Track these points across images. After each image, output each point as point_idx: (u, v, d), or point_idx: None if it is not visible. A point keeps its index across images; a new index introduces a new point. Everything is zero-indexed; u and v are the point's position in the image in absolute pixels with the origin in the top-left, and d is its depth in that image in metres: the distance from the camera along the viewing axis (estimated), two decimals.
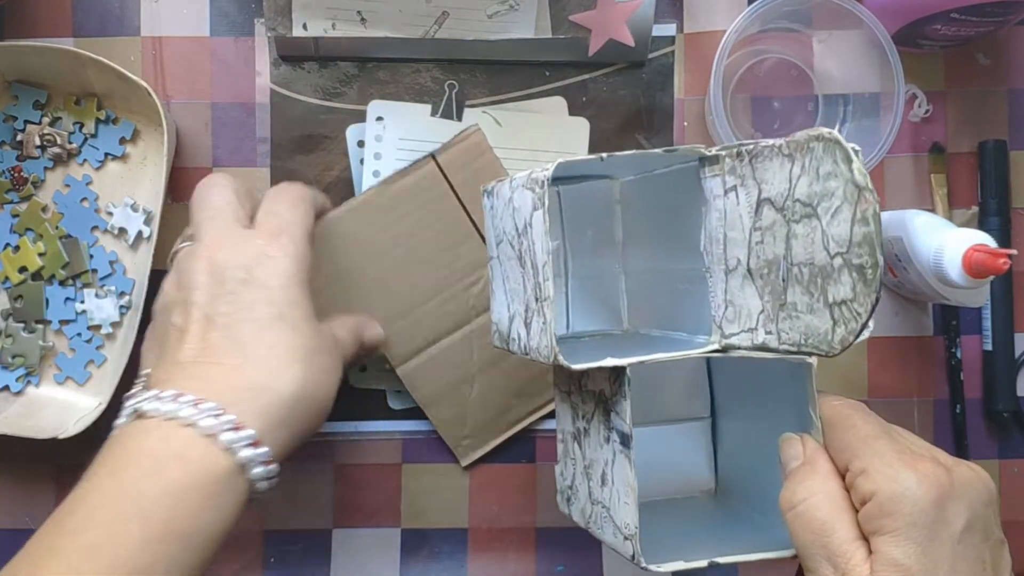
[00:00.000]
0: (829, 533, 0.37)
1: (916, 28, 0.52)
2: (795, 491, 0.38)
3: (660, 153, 0.42)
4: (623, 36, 0.55)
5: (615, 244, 0.52)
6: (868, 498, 0.36)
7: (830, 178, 0.35)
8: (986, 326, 0.57)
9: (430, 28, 0.55)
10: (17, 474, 0.56)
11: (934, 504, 0.35)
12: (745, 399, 0.49)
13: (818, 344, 0.36)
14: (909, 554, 0.35)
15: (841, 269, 0.35)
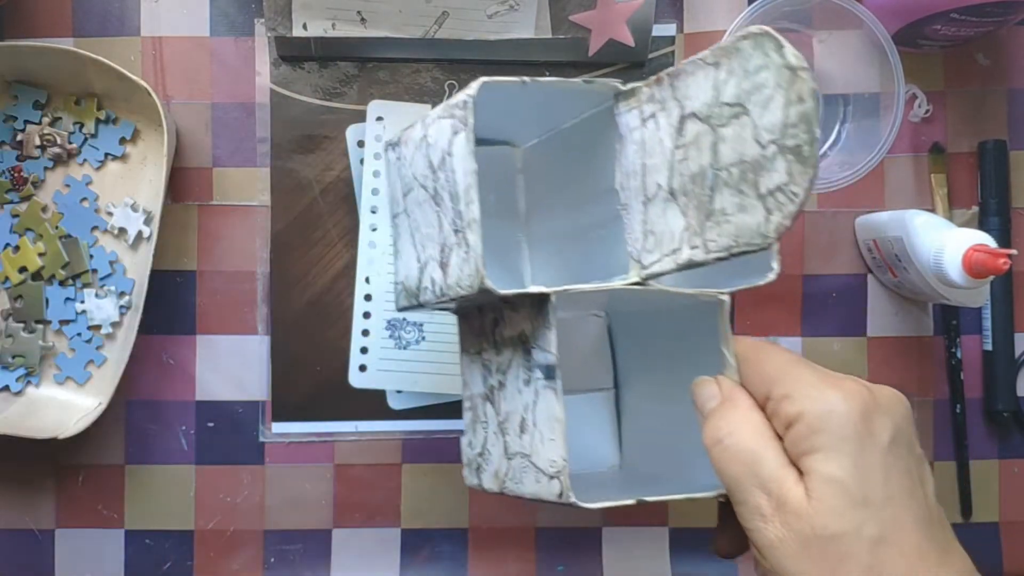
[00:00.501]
0: (759, 461, 0.36)
1: (916, 28, 0.52)
2: (718, 426, 0.38)
3: (580, 83, 0.42)
4: (623, 36, 0.55)
5: (518, 213, 0.51)
6: (794, 420, 0.36)
7: (760, 71, 0.35)
8: (986, 326, 0.57)
9: (430, 28, 0.55)
10: (17, 474, 0.56)
11: (861, 418, 0.35)
12: (650, 367, 0.48)
13: (751, 240, 0.36)
14: (843, 467, 0.35)
15: (775, 156, 0.34)
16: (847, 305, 0.57)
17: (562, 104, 0.45)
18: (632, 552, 0.57)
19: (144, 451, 0.56)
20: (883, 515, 0.35)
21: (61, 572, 0.56)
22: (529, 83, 0.41)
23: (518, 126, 0.49)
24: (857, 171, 0.50)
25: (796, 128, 0.33)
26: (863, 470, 0.35)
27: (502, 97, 0.42)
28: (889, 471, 0.35)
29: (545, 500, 0.40)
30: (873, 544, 0.34)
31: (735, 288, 0.42)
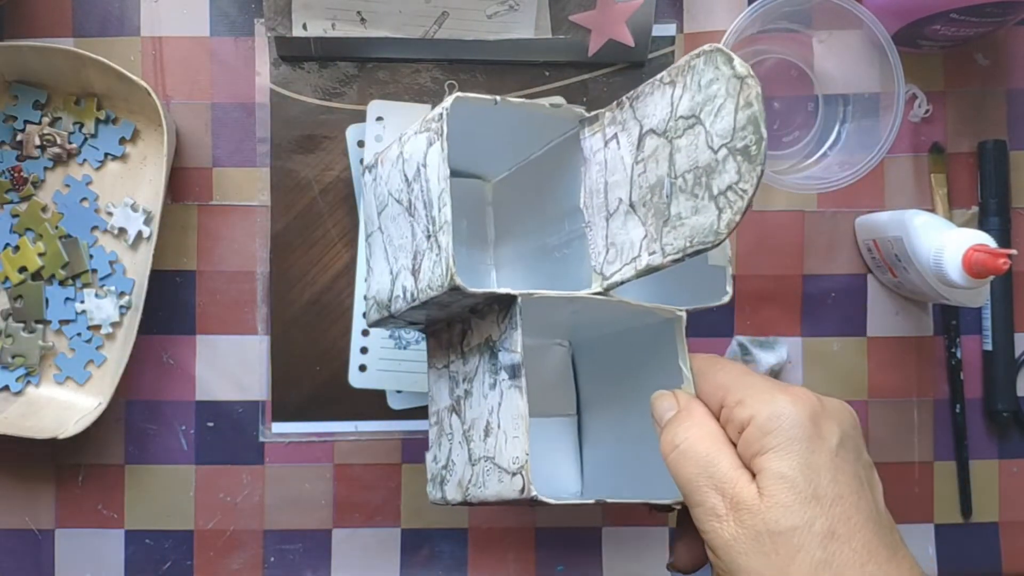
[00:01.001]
0: (713, 464, 0.38)
1: (916, 28, 0.52)
2: (674, 433, 0.39)
3: (547, 106, 0.45)
4: (623, 36, 0.55)
5: (487, 241, 0.53)
6: (746, 424, 0.38)
7: (712, 84, 0.37)
8: (986, 326, 0.57)
9: (430, 28, 0.55)
10: (17, 474, 0.56)
11: (810, 420, 0.37)
12: (611, 393, 0.49)
13: (704, 239, 0.37)
14: (792, 466, 0.36)
15: (726, 159, 0.37)
16: (847, 305, 0.57)
17: (529, 133, 0.47)
18: (632, 552, 0.57)
19: (144, 451, 0.56)
20: (833, 511, 0.36)
21: (61, 572, 0.56)
22: (500, 101, 0.43)
23: (489, 159, 0.51)
24: (857, 171, 0.50)
25: (745, 131, 0.36)
26: (813, 468, 0.36)
27: (474, 123, 0.44)
28: (838, 471, 0.37)
29: (507, 500, 0.41)
30: (824, 538, 0.35)
31: (691, 307, 0.45)
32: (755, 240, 0.57)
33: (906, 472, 0.57)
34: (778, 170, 0.55)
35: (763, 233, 0.57)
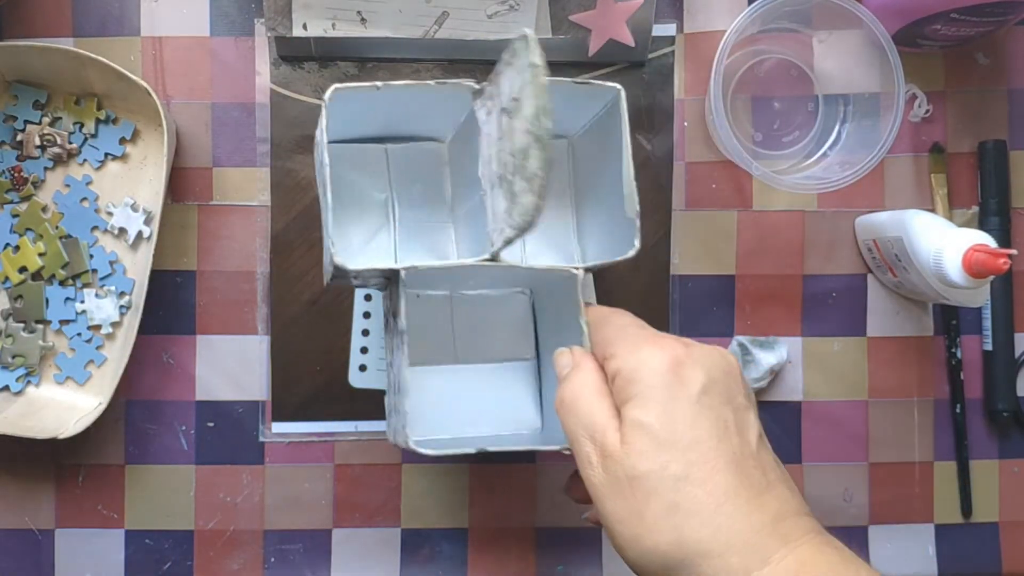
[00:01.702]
0: (591, 415, 0.40)
1: (916, 28, 0.52)
2: (564, 389, 0.41)
3: (432, 85, 0.47)
4: (623, 36, 0.55)
5: (445, 200, 0.54)
6: (615, 375, 0.40)
7: (525, 69, 0.39)
8: (986, 326, 0.57)
9: (430, 28, 0.55)
10: (17, 474, 0.56)
11: (670, 369, 0.38)
12: (560, 338, 0.50)
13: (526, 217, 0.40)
14: (650, 413, 0.38)
15: (530, 145, 0.39)
16: (847, 305, 0.57)
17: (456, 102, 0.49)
18: None
19: (144, 451, 0.56)
20: (689, 456, 0.37)
21: (61, 572, 0.56)
22: (383, 87, 0.46)
23: (438, 123, 0.52)
24: (857, 171, 0.50)
25: (539, 119, 0.38)
26: (670, 416, 0.38)
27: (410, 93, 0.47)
28: (697, 417, 0.38)
29: (410, 449, 0.44)
30: (676, 481, 0.37)
31: (603, 262, 0.47)
32: (755, 240, 0.57)
33: (906, 472, 0.57)
34: (778, 170, 0.55)
35: (763, 233, 0.57)
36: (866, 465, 0.57)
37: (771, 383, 0.57)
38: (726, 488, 0.37)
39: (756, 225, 0.57)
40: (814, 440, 0.57)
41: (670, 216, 0.57)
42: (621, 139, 0.47)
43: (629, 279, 0.57)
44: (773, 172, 0.52)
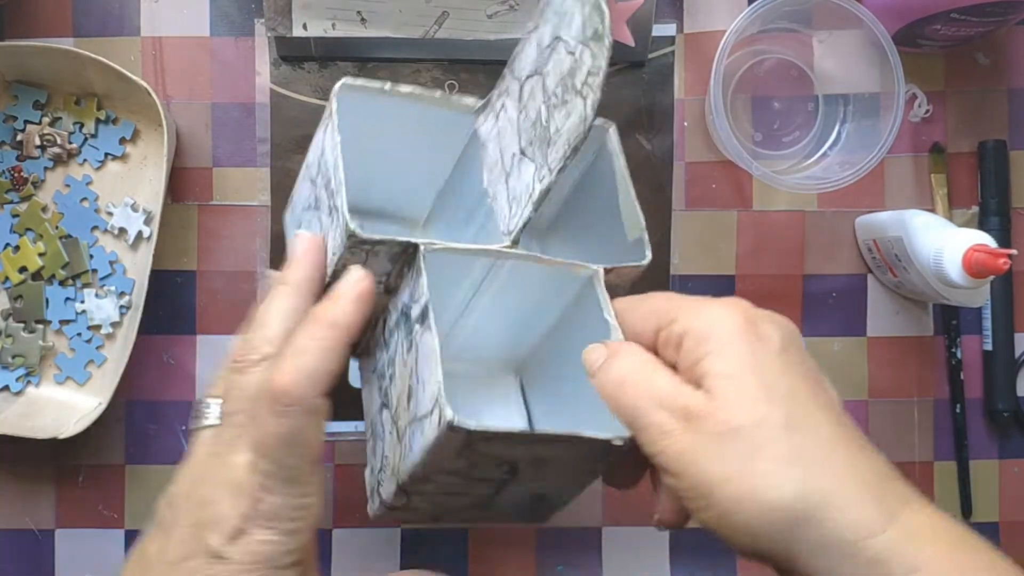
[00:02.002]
0: (653, 385, 0.36)
1: (916, 28, 0.52)
2: (608, 370, 0.37)
3: (437, 97, 0.47)
4: (623, 36, 0.55)
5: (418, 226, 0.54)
6: (682, 337, 0.36)
7: (563, 4, 0.40)
8: (986, 326, 0.57)
9: (430, 28, 0.55)
10: (17, 474, 0.56)
11: (746, 323, 0.35)
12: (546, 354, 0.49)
13: (577, 133, 0.39)
14: (737, 364, 0.34)
15: (582, 52, 0.39)
16: (847, 305, 0.57)
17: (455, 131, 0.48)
18: (632, 552, 0.57)
19: (144, 451, 0.56)
20: (789, 406, 0.34)
21: (61, 572, 0.56)
22: (389, 90, 0.45)
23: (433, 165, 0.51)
24: (857, 171, 0.50)
25: (591, 19, 0.39)
26: (759, 367, 0.34)
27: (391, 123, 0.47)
28: (786, 369, 0.35)
29: (433, 445, 0.38)
30: (785, 430, 0.33)
31: (619, 264, 0.44)
32: (755, 240, 0.57)
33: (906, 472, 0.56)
34: (778, 170, 0.55)
35: (763, 233, 0.57)
36: None
37: None
38: (832, 438, 0.33)
39: (756, 225, 0.57)
40: None
41: (670, 216, 0.57)
42: (615, 177, 0.46)
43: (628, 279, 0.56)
44: (773, 172, 0.52)
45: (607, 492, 0.57)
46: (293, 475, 0.38)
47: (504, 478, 0.42)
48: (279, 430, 0.37)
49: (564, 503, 0.45)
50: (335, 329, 0.39)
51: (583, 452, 0.40)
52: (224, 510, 0.37)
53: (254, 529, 0.37)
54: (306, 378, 0.37)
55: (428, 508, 0.44)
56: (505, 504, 0.44)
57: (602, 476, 0.43)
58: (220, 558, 0.37)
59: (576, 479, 0.43)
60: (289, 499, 0.38)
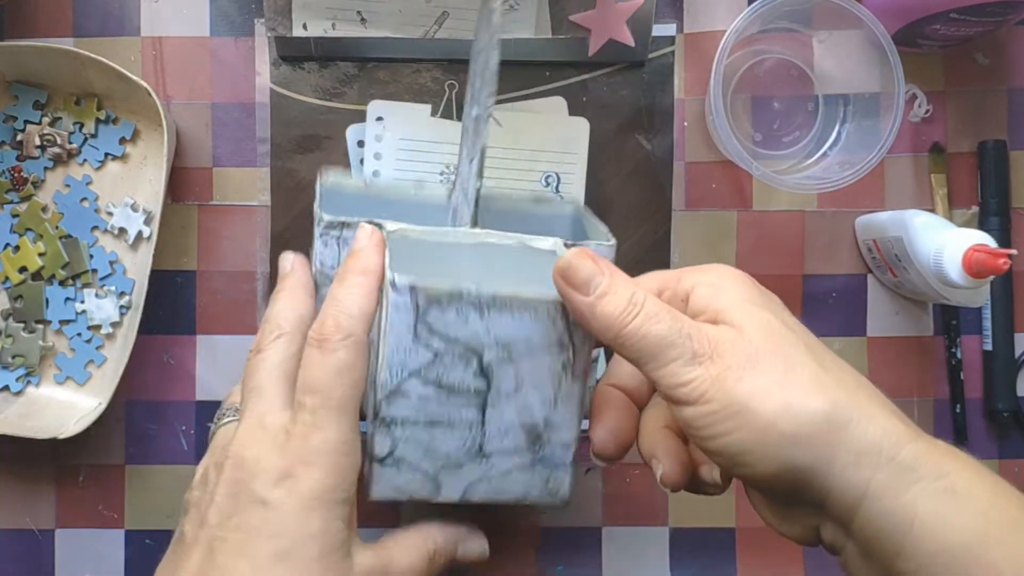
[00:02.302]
0: (678, 317, 0.35)
1: (916, 28, 0.52)
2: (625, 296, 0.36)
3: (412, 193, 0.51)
4: (623, 36, 0.55)
5: None
6: (692, 289, 0.37)
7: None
8: (986, 326, 0.57)
9: (430, 28, 0.55)
10: (17, 474, 0.56)
11: (750, 279, 0.38)
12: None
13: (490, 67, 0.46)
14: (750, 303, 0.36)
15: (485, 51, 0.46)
16: (847, 305, 0.57)
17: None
18: (632, 552, 0.57)
19: (144, 451, 0.56)
20: (807, 338, 0.36)
21: (61, 572, 0.56)
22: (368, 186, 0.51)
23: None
24: (857, 171, 0.50)
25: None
26: (771, 305, 0.37)
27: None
28: (793, 320, 0.37)
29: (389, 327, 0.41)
30: (810, 354, 0.35)
31: (588, 242, 0.46)
32: (755, 240, 0.57)
33: None
34: (778, 170, 0.55)
35: (763, 233, 0.57)
36: None
37: None
38: (850, 369, 0.36)
39: (756, 225, 0.57)
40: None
41: (670, 216, 0.57)
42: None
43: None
44: (773, 172, 0.52)
45: (607, 492, 0.57)
46: (341, 405, 0.38)
47: (480, 388, 0.42)
48: (331, 363, 0.38)
49: (565, 447, 0.44)
50: (366, 275, 0.41)
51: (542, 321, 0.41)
52: (266, 461, 0.37)
53: (300, 468, 0.37)
54: (348, 318, 0.39)
55: (418, 458, 0.44)
56: (503, 453, 0.44)
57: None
58: (265, 504, 0.37)
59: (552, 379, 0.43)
60: (339, 432, 0.38)
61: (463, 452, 0.44)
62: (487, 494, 0.45)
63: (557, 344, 0.42)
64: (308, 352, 0.39)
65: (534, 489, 0.45)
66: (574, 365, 0.43)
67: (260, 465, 0.37)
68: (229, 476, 0.38)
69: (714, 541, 0.57)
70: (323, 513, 0.37)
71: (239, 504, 0.37)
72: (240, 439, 0.39)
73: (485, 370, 0.42)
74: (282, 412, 0.39)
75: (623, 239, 0.56)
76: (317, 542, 0.37)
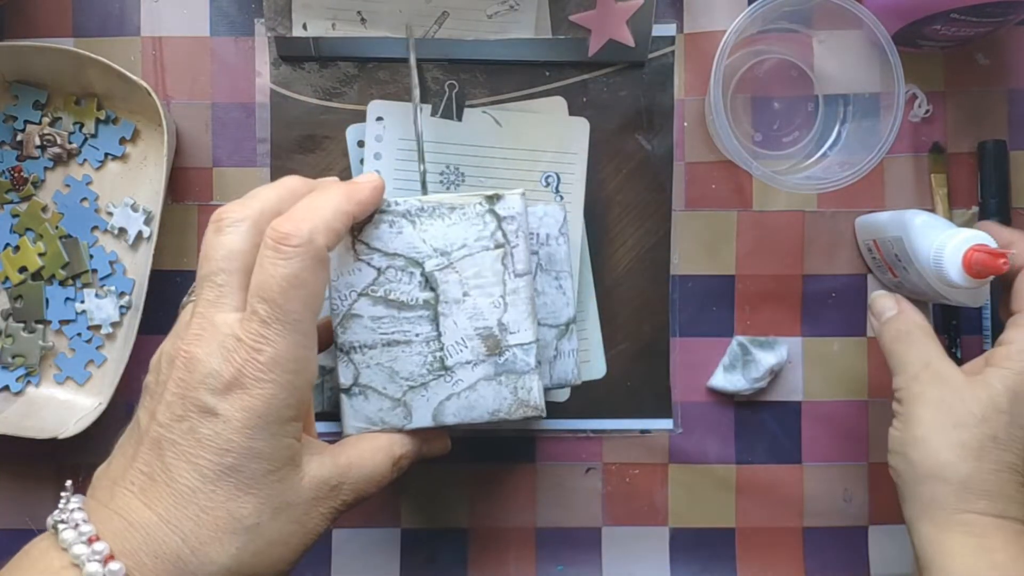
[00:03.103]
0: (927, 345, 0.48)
1: (916, 28, 0.52)
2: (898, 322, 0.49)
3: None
4: (623, 36, 0.55)
5: None
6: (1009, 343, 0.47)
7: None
8: (986, 326, 0.57)
9: (430, 28, 0.55)
10: (17, 474, 0.56)
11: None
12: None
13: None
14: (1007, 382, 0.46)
15: None
16: (847, 305, 0.57)
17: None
18: (632, 552, 0.57)
19: None
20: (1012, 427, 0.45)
21: None
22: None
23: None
24: (857, 171, 0.50)
25: None
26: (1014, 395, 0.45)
27: None
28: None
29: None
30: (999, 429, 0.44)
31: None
32: (755, 240, 0.57)
33: None
34: (778, 170, 0.55)
35: (763, 233, 0.57)
36: (866, 465, 0.57)
37: (771, 383, 0.57)
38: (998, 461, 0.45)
39: (756, 225, 0.57)
40: (814, 440, 0.57)
41: (670, 216, 0.57)
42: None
43: (629, 279, 0.57)
44: (773, 172, 0.52)
45: (607, 492, 0.57)
46: (294, 320, 0.37)
47: (428, 299, 0.45)
48: (284, 271, 0.37)
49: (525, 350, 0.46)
50: (349, 200, 0.40)
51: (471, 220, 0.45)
52: (215, 365, 0.37)
53: (249, 382, 0.37)
54: (313, 225, 0.38)
55: (383, 383, 0.45)
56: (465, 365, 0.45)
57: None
58: (213, 414, 0.37)
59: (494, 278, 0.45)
60: (289, 348, 0.37)
61: (425, 369, 0.45)
62: (459, 413, 0.46)
63: (491, 240, 0.45)
64: (263, 251, 0.38)
65: (505, 401, 0.46)
66: (514, 261, 0.45)
67: (208, 367, 0.37)
68: (179, 375, 0.37)
69: (714, 541, 0.57)
70: (271, 430, 0.37)
71: (187, 408, 0.37)
72: (192, 333, 0.38)
73: (429, 280, 0.44)
74: (235, 311, 0.38)
75: (623, 239, 0.57)
76: (264, 459, 0.37)
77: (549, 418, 0.56)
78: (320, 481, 0.40)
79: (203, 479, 0.37)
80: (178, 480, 0.37)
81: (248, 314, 0.38)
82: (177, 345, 0.38)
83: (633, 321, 0.57)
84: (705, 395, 0.57)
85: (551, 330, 0.50)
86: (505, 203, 0.46)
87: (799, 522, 0.57)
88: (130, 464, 0.38)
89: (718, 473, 0.57)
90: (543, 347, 0.50)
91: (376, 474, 0.43)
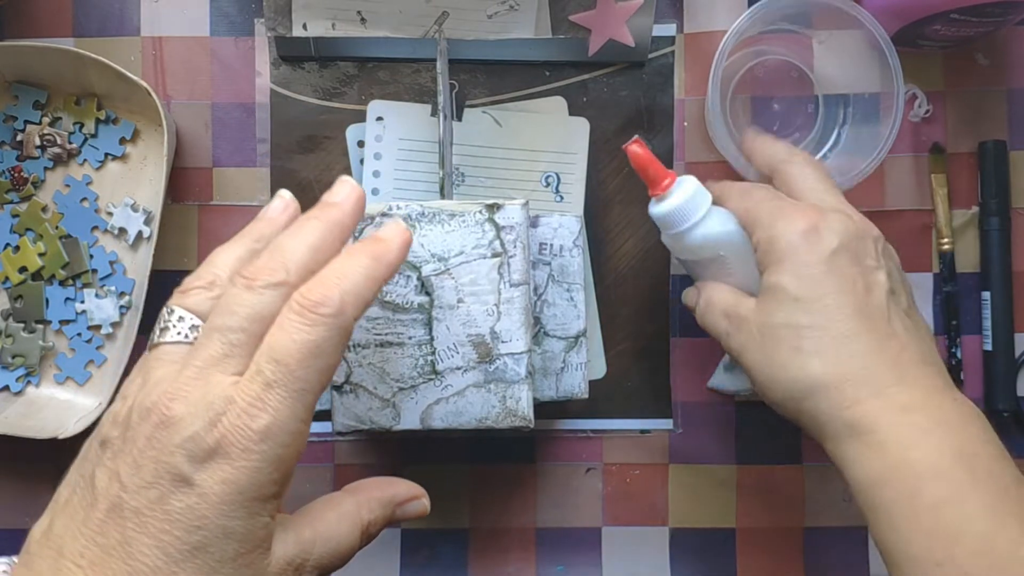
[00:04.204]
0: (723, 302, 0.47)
1: (916, 29, 0.52)
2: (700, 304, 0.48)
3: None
4: (623, 36, 0.55)
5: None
6: (758, 245, 0.45)
7: None
8: (986, 326, 0.57)
9: (430, 28, 0.55)
10: (17, 474, 0.56)
11: (804, 235, 0.43)
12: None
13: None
14: (784, 275, 0.43)
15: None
16: None
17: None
18: (632, 552, 0.57)
19: None
20: (814, 307, 0.42)
21: None
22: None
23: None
24: (859, 172, 0.50)
25: None
26: (800, 275, 0.43)
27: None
28: (826, 275, 0.43)
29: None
30: (800, 328, 0.43)
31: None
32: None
33: None
34: None
35: None
36: None
37: None
38: (846, 333, 0.42)
39: None
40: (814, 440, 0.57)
41: None
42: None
43: (629, 279, 0.57)
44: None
45: (607, 492, 0.57)
46: (301, 388, 0.34)
47: (423, 304, 0.45)
48: (308, 337, 0.34)
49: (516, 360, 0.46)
50: (379, 264, 0.37)
51: (470, 228, 0.45)
52: (198, 427, 0.33)
53: (235, 451, 0.33)
54: (345, 295, 0.35)
55: (374, 383, 0.46)
56: (455, 370, 0.46)
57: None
58: (188, 484, 0.32)
59: (490, 287, 0.45)
60: (287, 418, 0.33)
61: (416, 372, 0.46)
62: (446, 418, 0.46)
63: (489, 249, 0.45)
64: (287, 314, 0.34)
65: (493, 410, 0.46)
66: (511, 271, 0.45)
67: (190, 429, 0.33)
68: (153, 433, 0.33)
69: (714, 541, 0.57)
70: (250, 507, 0.33)
71: (159, 474, 0.33)
72: (176, 386, 0.34)
73: (425, 284, 0.45)
74: (233, 375, 0.34)
75: (623, 239, 0.57)
76: (236, 540, 0.33)
77: (549, 418, 0.56)
78: (285, 563, 0.35)
79: (167, 559, 0.32)
80: (137, 558, 0.32)
81: (251, 375, 0.34)
82: (155, 398, 0.34)
83: (633, 321, 0.57)
84: (705, 395, 0.57)
85: (560, 342, 0.51)
86: (505, 213, 0.46)
87: (799, 522, 0.57)
88: (79, 530, 0.33)
89: (718, 473, 0.57)
90: (550, 358, 0.50)
91: (342, 547, 0.39)
